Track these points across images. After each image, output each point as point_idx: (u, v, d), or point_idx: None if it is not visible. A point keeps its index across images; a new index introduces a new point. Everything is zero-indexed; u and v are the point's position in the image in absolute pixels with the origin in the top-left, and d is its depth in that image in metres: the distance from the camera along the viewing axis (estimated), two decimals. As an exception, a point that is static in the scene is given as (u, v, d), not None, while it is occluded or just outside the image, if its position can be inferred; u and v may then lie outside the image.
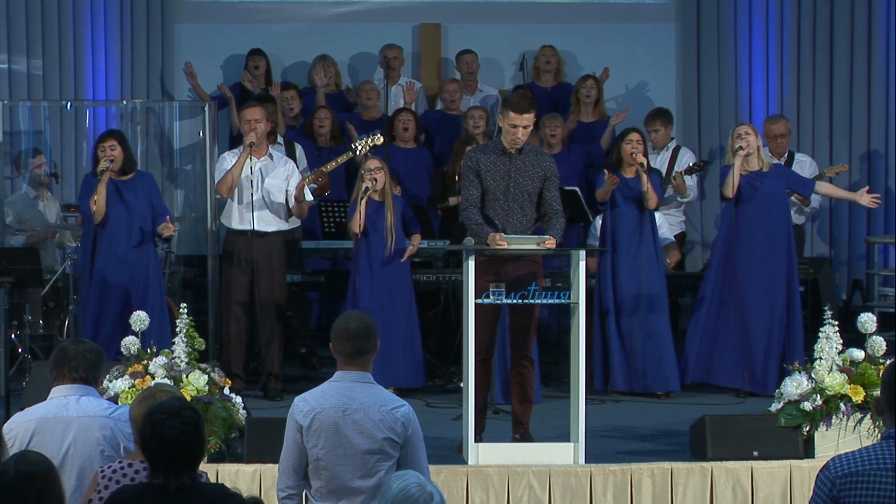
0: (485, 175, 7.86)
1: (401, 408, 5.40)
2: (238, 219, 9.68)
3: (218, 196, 9.92)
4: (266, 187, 9.69)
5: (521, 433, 7.95)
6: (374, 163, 9.51)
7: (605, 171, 9.68)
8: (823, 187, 10.17)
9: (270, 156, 9.81)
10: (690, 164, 10.93)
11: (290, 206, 9.70)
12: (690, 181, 10.96)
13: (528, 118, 7.82)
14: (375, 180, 9.38)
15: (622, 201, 9.66)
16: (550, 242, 7.64)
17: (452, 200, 10.61)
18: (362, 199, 9.34)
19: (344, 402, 5.35)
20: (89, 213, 9.31)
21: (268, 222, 9.70)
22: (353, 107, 12.02)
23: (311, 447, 5.34)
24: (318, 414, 5.34)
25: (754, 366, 9.53)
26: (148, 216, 9.39)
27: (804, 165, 11.09)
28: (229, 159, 9.72)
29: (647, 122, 11.12)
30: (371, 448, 5.31)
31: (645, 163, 9.57)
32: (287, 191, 9.71)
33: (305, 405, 5.39)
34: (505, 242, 7.63)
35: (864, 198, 9.83)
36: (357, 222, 9.37)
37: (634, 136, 9.68)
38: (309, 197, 9.92)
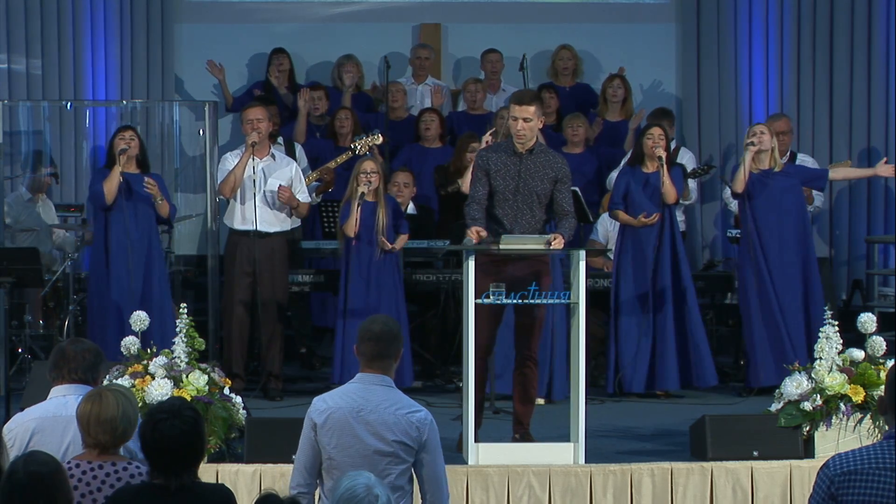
0: (495, 174, 7.85)
1: (417, 413, 5.37)
2: (240, 219, 9.69)
3: (220, 196, 9.92)
4: (268, 187, 9.69)
5: (522, 433, 7.95)
6: (369, 165, 9.49)
7: (643, 214, 9.61)
8: (838, 173, 10.23)
9: (273, 156, 9.82)
10: (695, 168, 10.93)
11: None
12: (692, 184, 10.96)
13: (529, 110, 7.78)
14: (370, 183, 9.38)
15: (643, 198, 9.63)
16: (558, 241, 7.62)
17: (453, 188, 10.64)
18: (358, 203, 9.34)
19: (359, 402, 5.35)
20: (100, 193, 9.32)
21: (270, 222, 9.71)
22: (375, 105, 12.01)
23: (324, 445, 5.35)
24: (332, 413, 5.35)
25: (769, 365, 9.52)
26: (153, 214, 9.46)
27: (806, 165, 11.09)
28: (231, 159, 9.73)
29: (648, 121, 11.12)
30: (382, 449, 5.30)
31: (664, 156, 9.55)
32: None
33: (322, 404, 5.40)
34: (475, 236, 7.62)
35: (883, 168, 9.84)
36: (352, 226, 9.36)
37: (656, 131, 9.67)
38: (306, 198, 9.90)
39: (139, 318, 7.54)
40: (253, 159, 9.63)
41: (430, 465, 5.40)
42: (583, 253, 7.71)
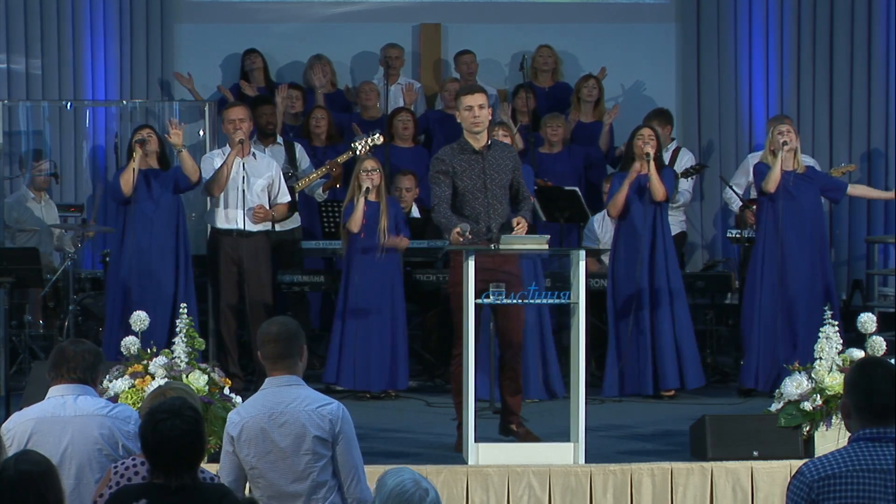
0: (461, 175, 7.89)
1: (328, 405, 5.40)
2: (223, 218, 9.69)
3: (206, 195, 9.90)
4: (251, 187, 9.68)
5: (516, 423, 7.95)
6: (370, 163, 9.52)
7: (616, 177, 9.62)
8: (857, 189, 10.16)
9: (254, 155, 9.82)
10: (686, 168, 10.92)
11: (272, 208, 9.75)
12: (686, 184, 10.95)
13: (482, 97, 7.90)
14: (372, 179, 9.39)
15: (637, 198, 9.62)
16: (522, 225, 7.71)
17: None
18: (361, 196, 9.36)
19: (270, 407, 5.38)
20: (117, 185, 9.30)
21: (253, 222, 9.71)
22: (352, 106, 12.02)
23: (244, 457, 5.38)
24: (246, 423, 5.39)
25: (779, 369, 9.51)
26: (175, 208, 9.47)
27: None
28: (217, 159, 9.73)
29: (644, 121, 11.10)
30: (300, 449, 5.33)
31: (651, 153, 9.52)
32: (270, 192, 9.73)
33: (236, 416, 5.45)
34: (460, 237, 7.65)
35: None
36: (356, 222, 9.38)
37: (646, 132, 9.65)
38: (285, 198, 9.87)
39: (139, 318, 7.53)
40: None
41: (345, 455, 5.39)
42: (583, 253, 7.71)
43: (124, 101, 11.77)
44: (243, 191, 9.59)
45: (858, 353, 7.65)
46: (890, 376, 4.30)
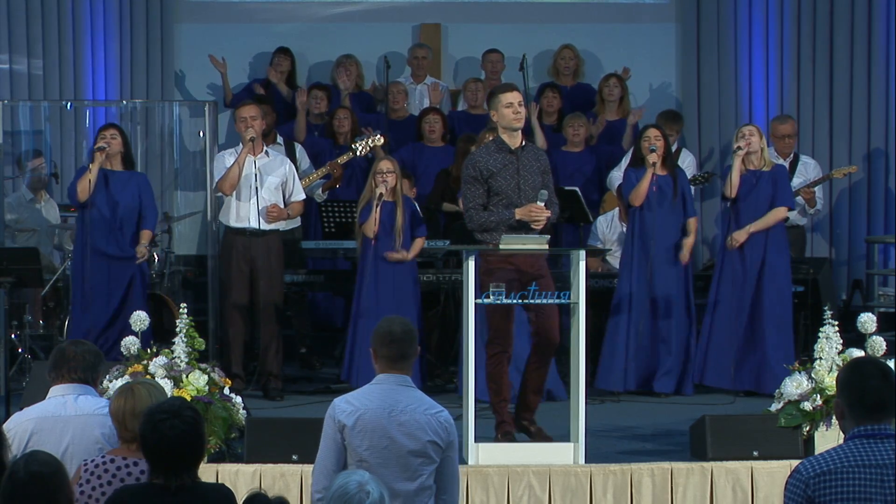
0: (496, 175, 7.86)
1: (442, 412, 5.42)
2: (235, 216, 9.65)
3: (219, 194, 9.89)
4: (265, 185, 9.67)
5: (529, 420, 7.95)
6: (386, 164, 9.46)
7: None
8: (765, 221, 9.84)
9: (267, 153, 9.79)
10: (695, 175, 10.90)
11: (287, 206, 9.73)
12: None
13: (519, 95, 7.91)
14: (387, 182, 9.34)
15: (656, 203, 9.61)
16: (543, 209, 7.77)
17: (448, 206, 10.56)
18: (377, 204, 9.30)
19: (389, 403, 5.35)
20: (73, 190, 9.34)
21: (267, 221, 9.69)
22: (375, 104, 12.00)
23: (355, 448, 5.32)
24: (362, 414, 5.33)
25: (746, 366, 9.54)
26: (134, 214, 9.42)
27: (808, 167, 11.09)
28: (229, 157, 9.71)
29: (662, 125, 11.01)
30: (416, 449, 5.31)
31: (655, 158, 9.50)
32: (284, 190, 9.72)
33: (349, 405, 5.37)
34: (527, 212, 7.72)
35: None
36: (371, 226, 9.32)
37: (652, 133, 9.66)
38: (300, 196, 9.85)
39: (139, 318, 7.53)
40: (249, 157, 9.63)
41: (452, 464, 5.43)
42: (583, 253, 7.71)
43: (124, 101, 11.77)
44: (256, 189, 9.55)
45: (858, 353, 7.66)
46: (881, 373, 4.34)
